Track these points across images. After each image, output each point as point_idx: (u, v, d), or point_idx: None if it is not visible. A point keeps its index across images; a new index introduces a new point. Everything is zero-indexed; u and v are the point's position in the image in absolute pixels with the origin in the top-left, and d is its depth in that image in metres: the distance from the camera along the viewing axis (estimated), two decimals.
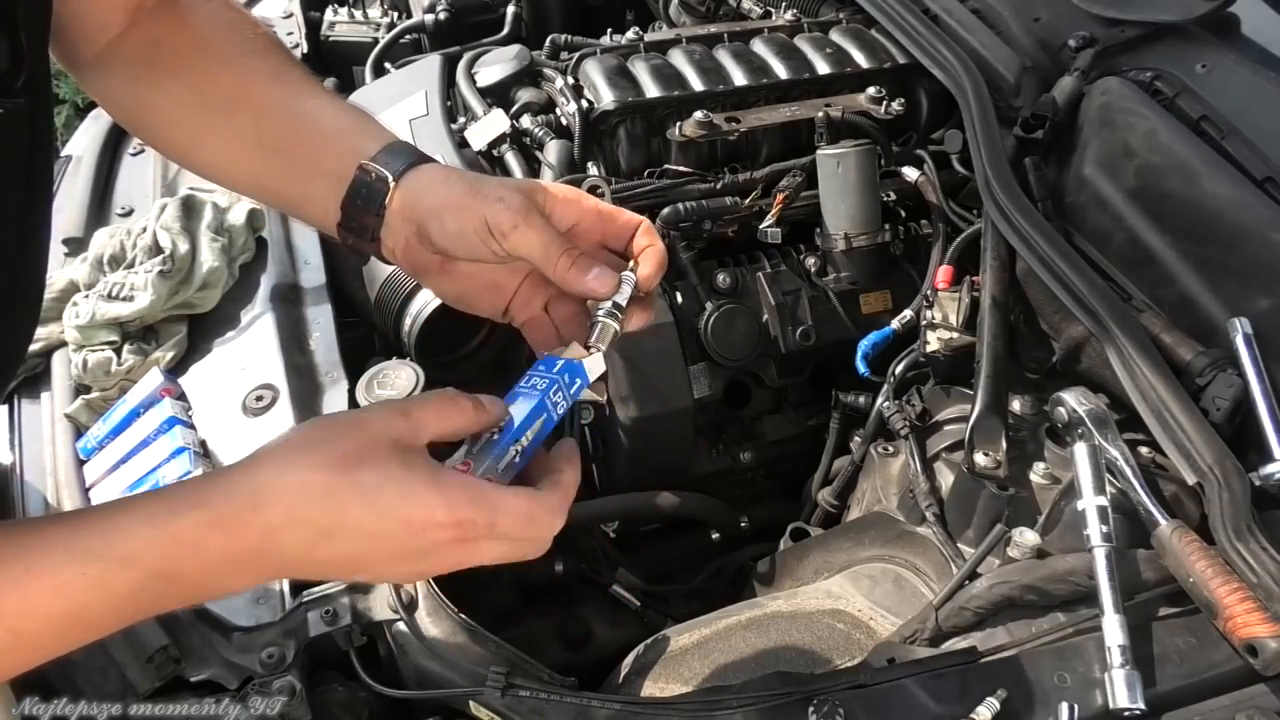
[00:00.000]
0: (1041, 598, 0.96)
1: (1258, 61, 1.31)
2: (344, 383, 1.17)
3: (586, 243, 0.76)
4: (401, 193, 0.74)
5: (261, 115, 0.78)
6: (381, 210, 0.74)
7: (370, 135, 0.77)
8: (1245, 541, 0.92)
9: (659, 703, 0.92)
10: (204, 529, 0.58)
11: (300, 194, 0.79)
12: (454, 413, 0.69)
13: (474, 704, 0.88)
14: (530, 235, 0.71)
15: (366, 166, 0.74)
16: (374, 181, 0.74)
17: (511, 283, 0.78)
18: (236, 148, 0.79)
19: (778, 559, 1.29)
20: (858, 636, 1.05)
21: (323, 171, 0.76)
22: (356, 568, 0.65)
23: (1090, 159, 1.32)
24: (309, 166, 0.77)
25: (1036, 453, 1.12)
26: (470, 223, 0.71)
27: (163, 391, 1.16)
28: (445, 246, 0.74)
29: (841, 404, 1.40)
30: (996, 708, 0.85)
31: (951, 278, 1.32)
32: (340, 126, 0.78)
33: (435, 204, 0.73)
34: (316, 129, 0.78)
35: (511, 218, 0.70)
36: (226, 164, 0.82)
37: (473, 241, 0.72)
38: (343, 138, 0.77)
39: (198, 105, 0.79)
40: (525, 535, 0.67)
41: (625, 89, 1.47)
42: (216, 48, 0.80)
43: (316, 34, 2.08)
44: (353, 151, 0.75)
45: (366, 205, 0.74)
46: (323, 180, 0.76)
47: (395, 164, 0.74)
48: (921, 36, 1.49)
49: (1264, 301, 1.10)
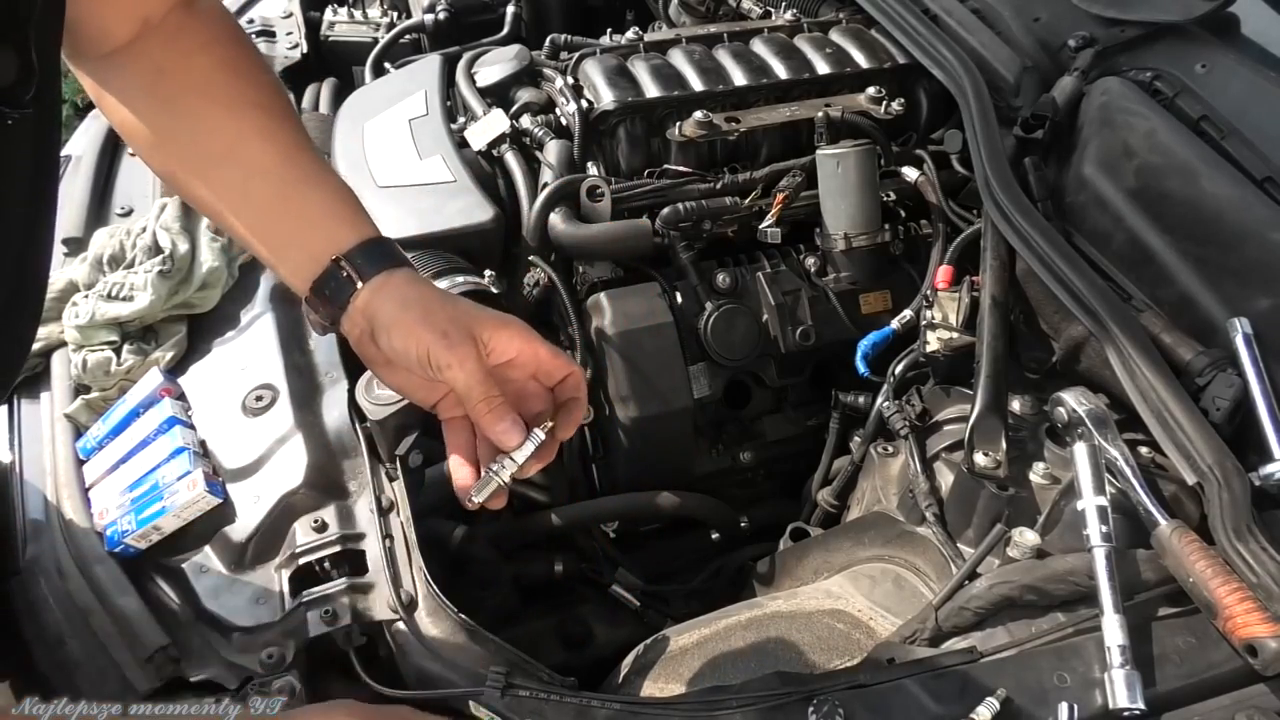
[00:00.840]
0: (1041, 598, 0.96)
1: (1258, 61, 1.31)
2: (343, 383, 1.17)
3: (523, 373, 0.83)
4: (366, 295, 0.80)
5: (251, 176, 0.82)
6: (346, 304, 0.80)
7: (351, 225, 0.82)
8: (1245, 541, 0.92)
9: (659, 703, 0.92)
10: None
11: (275, 258, 0.84)
12: None
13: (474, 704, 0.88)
14: (460, 376, 0.77)
15: (341, 263, 0.80)
16: (344, 280, 0.80)
17: (443, 389, 0.83)
18: (226, 196, 0.83)
19: (778, 559, 1.29)
20: (858, 636, 1.05)
21: (300, 246, 0.82)
22: None
23: (1090, 159, 1.32)
24: (287, 238, 0.83)
25: (1036, 453, 1.12)
26: (414, 349, 0.78)
27: (162, 391, 1.16)
28: (390, 356, 0.80)
29: (841, 404, 1.40)
30: (996, 708, 0.85)
31: (951, 278, 1.32)
32: (325, 210, 0.83)
33: (388, 320, 0.79)
34: (302, 205, 0.83)
35: (448, 357, 0.77)
36: (210, 204, 0.85)
37: (412, 363, 0.79)
38: (326, 223, 0.82)
39: (190, 144, 0.82)
40: None
41: (625, 89, 1.47)
42: (219, 92, 0.83)
43: (316, 34, 2.08)
44: (331, 240, 0.81)
45: (333, 297, 0.81)
46: (298, 254, 0.82)
47: (367, 269, 0.80)
48: (921, 36, 1.49)
49: (1264, 301, 1.10)
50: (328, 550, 1.01)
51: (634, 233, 1.38)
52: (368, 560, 1.01)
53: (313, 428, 1.12)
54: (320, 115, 1.74)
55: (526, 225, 1.41)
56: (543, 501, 1.41)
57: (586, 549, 1.42)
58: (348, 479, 1.09)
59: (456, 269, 1.31)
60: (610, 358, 1.34)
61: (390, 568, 0.99)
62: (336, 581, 0.99)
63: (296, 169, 0.83)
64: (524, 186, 1.43)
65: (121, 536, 1.02)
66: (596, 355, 1.36)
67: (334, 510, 1.04)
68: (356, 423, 1.11)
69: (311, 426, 1.12)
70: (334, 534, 1.02)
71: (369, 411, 1.06)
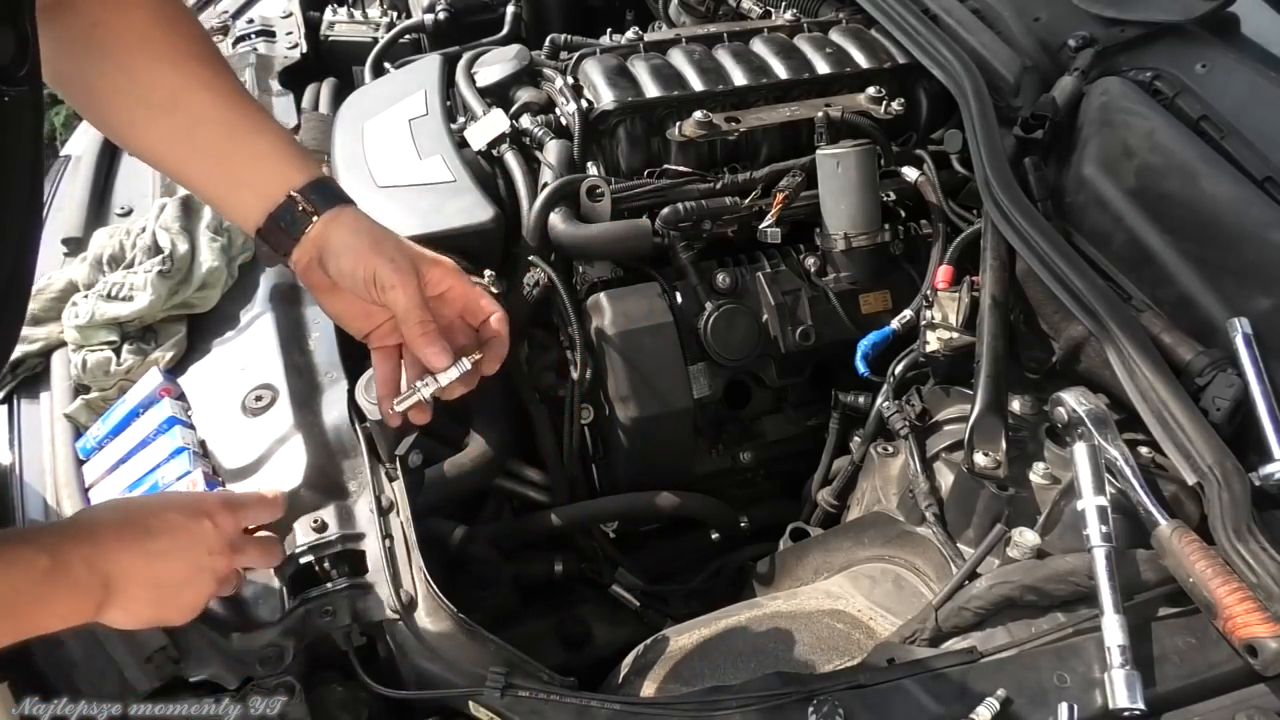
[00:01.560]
0: (1041, 598, 0.96)
1: (1258, 61, 1.31)
2: (343, 383, 1.17)
3: (452, 309, 0.91)
4: (320, 226, 0.86)
5: (198, 122, 0.86)
6: (300, 235, 0.86)
7: (299, 167, 0.88)
8: (1245, 541, 0.92)
9: (659, 703, 0.92)
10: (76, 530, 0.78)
11: (224, 197, 0.90)
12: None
13: (473, 704, 0.88)
14: (401, 297, 0.85)
15: (295, 198, 0.86)
16: (300, 213, 0.86)
17: (378, 318, 0.90)
18: (169, 142, 0.87)
19: (778, 559, 1.29)
20: (858, 636, 1.05)
21: (251, 185, 0.87)
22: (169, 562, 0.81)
23: (1090, 159, 1.32)
24: (238, 178, 0.87)
25: (1036, 453, 1.12)
26: (361, 270, 0.85)
27: (162, 391, 1.15)
28: (335, 278, 0.87)
29: (841, 404, 1.40)
30: (996, 708, 0.85)
31: (951, 278, 1.32)
32: (273, 152, 0.88)
33: (339, 245, 0.86)
34: (251, 147, 0.87)
35: (393, 278, 0.84)
36: (156, 153, 0.89)
37: (358, 285, 0.85)
38: (276, 162, 0.87)
39: (135, 97, 0.85)
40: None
41: (625, 89, 1.47)
42: (158, 45, 0.85)
43: (316, 34, 2.08)
44: (284, 178, 0.86)
45: (288, 229, 0.86)
46: (249, 193, 0.87)
47: (322, 204, 0.87)
48: (921, 36, 1.49)
49: (1264, 301, 1.10)
50: (328, 550, 1.01)
51: (634, 233, 1.38)
52: (368, 560, 1.01)
53: (312, 428, 1.12)
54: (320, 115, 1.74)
55: (526, 225, 1.40)
56: (543, 501, 1.42)
57: (586, 549, 1.42)
58: (348, 479, 1.08)
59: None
60: (610, 358, 1.34)
61: (390, 568, 0.99)
62: (336, 581, 0.99)
63: (240, 116, 0.87)
64: (524, 186, 1.43)
65: None
66: (596, 355, 1.36)
67: (334, 510, 1.04)
68: (356, 423, 1.11)
69: (311, 426, 1.12)
70: (334, 534, 1.02)
71: (369, 411, 1.06)
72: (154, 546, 0.80)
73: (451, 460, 1.30)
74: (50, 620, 0.76)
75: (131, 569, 0.78)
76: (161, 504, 0.84)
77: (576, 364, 1.35)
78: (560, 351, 1.45)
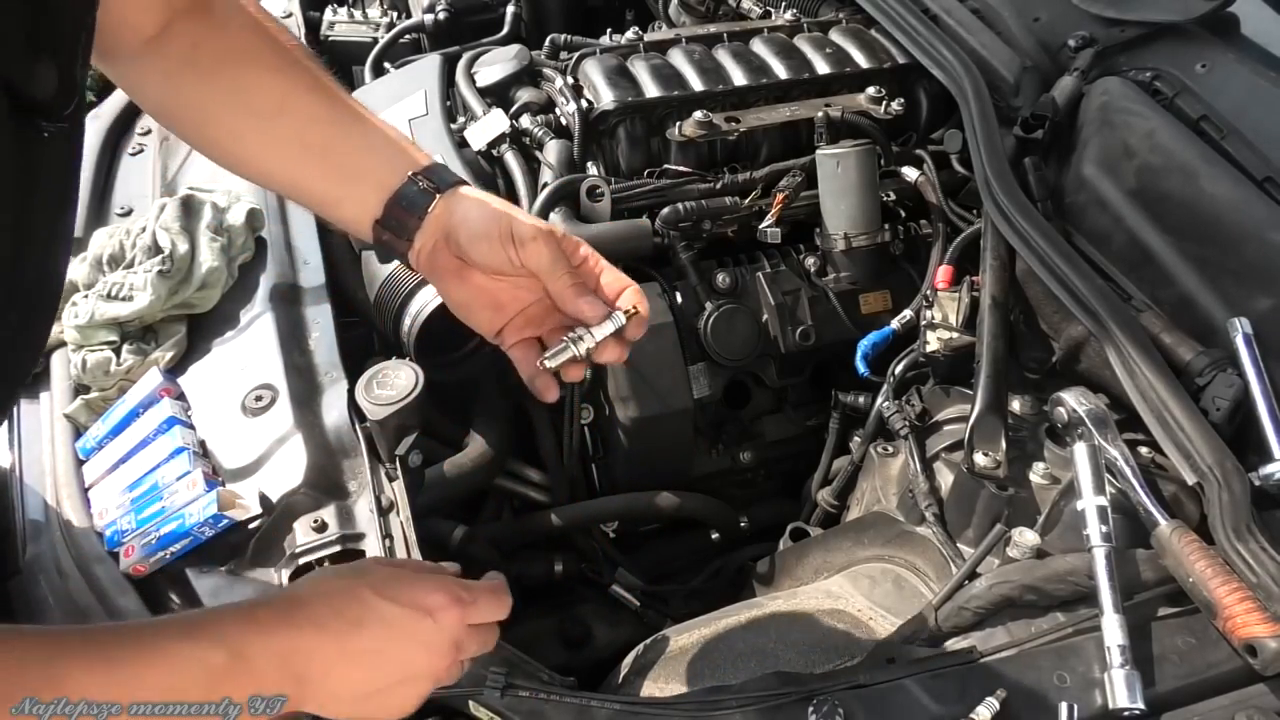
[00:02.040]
0: (1041, 598, 0.96)
1: (1258, 61, 1.31)
2: (343, 383, 1.17)
3: (589, 281, 0.85)
4: (443, 203, 0.84)
5: (307, 123, 0.85)
6: (424, 214, 0.84)
7: (413, 154, 0.87)
8: (1245, 541, 0.92)
9: (659, 703, 0.92)
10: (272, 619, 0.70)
11: (339, 193, 0.87)
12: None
13: (474, 704, 0.88)
14: (544, 250, 0.81)
15: (416, 177, 0.84)
16: (422, 190, 0.84)
17: (512, 308, 0.86)
18: (277, 149, 0.86)
19: (777, 559, 1.29)
20: (858, 636, 1.05)
21: (366, 176, 0.85)
22: (382, 663, 0.73)
23: (1090, 159, 1.32)
24: (352, 170, 0.86)
25: (1036, 453, 1.12)
26: (496, 227, 0.81)
27: (162, 391, 1.15)
28: (467, 248, 0.83)
29: (841, 404, 1.40)
30: (996, 708, 0.85)
31: (951, 278, 1.32)
32: (387, 140, 0.87)
33: (468, 212, 0.83)
34: (364, 139, 0.86)
35: (533, 231, 0.81)
36: (265, 163, 0.88)
37: (494, 244, 0.81)
38: (390, 150, 0.86)
39: (240, 108, 0.85)
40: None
41: (625, 89, 1.47)
42: (258, 55, 0.85)
43: (316, 34, 2.08)
44: (400, 163, 0.85)
45: (410, 209, 0.84)
46: (365, 184, 0.85)
47: (443, 180, 0.85)
48: (921, 36, 1.49)
49: (1264, 301, 1.10)
50: (328, 550, 1.01)
51: (634, 233, 1.38)
52: None
53: (313, 428, 1.12)
54: None
55: None
56: (543, 501, 1.41)
57: (586, 549, 1.42)
58: (348, 479, 1.08)
59: None
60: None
61: None
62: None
63: (346, 113, 0.87)
64: (524, 186, 1.43)
65: (121, 536, 1.02)
66: None
67: (334, 510, 1.04)
68: (356, 423, 1.11)
69: (311, 426, 1.12)
70: (334, 534, 1.02)
71: (369, 411, 1.06)
72: (362, 645, 0.71)
73: (451, 460, 1.30)
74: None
75: (333, 669, 0.70)
76: (379, 594, 0.73)
77: None
78: None
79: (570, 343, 0.82)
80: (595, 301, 0.82)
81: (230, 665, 0.65)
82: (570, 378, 0.85)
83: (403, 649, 0.73)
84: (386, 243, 0.86)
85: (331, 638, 0.70)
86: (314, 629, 0.70)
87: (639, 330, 0.84)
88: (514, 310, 0.86)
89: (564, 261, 0.82)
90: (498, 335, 0.88)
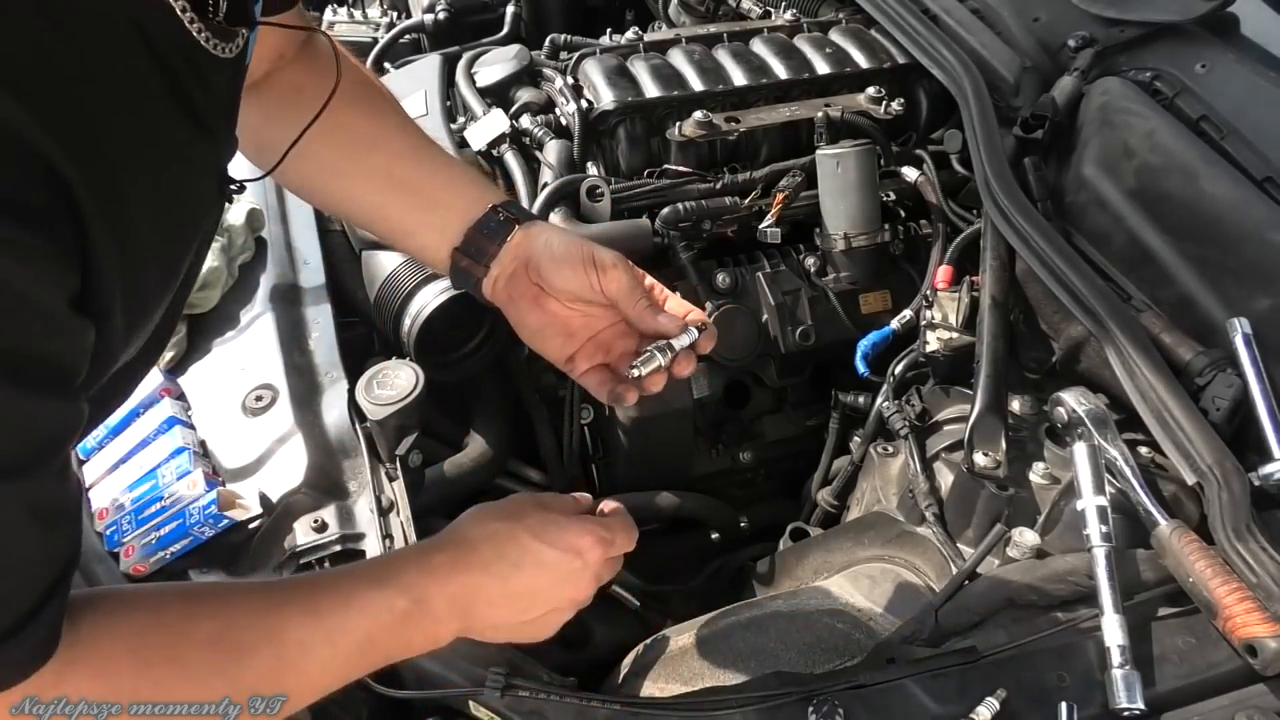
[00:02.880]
0: (1041, 598, 0.96)
1: (1258, 61, 1.31)
2: (343, 382, 1.17)
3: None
4: (521, 233, 0.89)
5: (395, 157, 0.92)
6: (504, 241, 0.88)
7: (493, 190, 0.94)
8: (1245, 541, 0.92)
9: (659, 703, 0.92)
10: (446, 566, 0.78)
11: (419, 221, 0.92)
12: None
13: (474, 704, 0.88)
14: (622, 276, 0.86)
15: (498, 208, 0.90)
16: (503, 219, 0.89)
17: (583, 334, 0.91)
18: (366, 182, 0.93)
19: (777, 559, 1.29)
20: (858, 636, 1.05)
21: (449, 206, 0.91)
22: (536, 599, 0.83)
23: (1090, 159, 1.32)
24: (434, 201, 0.92)
25: (1036, 453, 1.12)
26: (579, 253, 0.86)
27: (162, 391, 1.16)
28: (548, 273, 0.87)
29: (841, 404, 1.40)
30: (996, 707, 0.85)
31: (951, 278, 1.32)
32: (470, 177, 0.95)
33: (550, 240, 0.88)
34: (448, 173, 0.94)
35: (614, 258, 0.86)
36: (353, 194, 0.94)
37: (577, 269, 0.86)
38: (472, 185, 0.93)
39: (334, 144, 0.90)
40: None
41: (625, 89, 1.47)
42: (356, 99, 0.91)
43: None
44: (480, 198, 0.91)
45: (492, 236, 0.89)
46: (446, 213, 0.91)
47: (522, 213, 0.91)
48: (921, 36, 1.49)
49: (1264, 301, 1.10)
50: (328, 550, 1.01)
51: (634, 233, 1.38)
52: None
53: (313, 428, 1.12)
54: None
55: None
56: None
57: None
58: (348, 479, 1.09)
59: None
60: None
61: None
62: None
63: (431, 150, 0.95)
64: (524, 186, 1.43)
65: (121, 536, 1.02)
66: None
67: (334, 510, 1.04)
68: (356, 423, 1.11)
69: (311, 426, 1.12)
70: (334, 534, 1.02)
71: (369, 411, 1.06)
72: (521, 584, 0.80)
73: (451, 460, 1.30)
74: (403, 653, 0.78)
75: (495, 605, 0.80)
76: (536, 538, 0.81)
77: None
78: None
79: (656, 352, 0.87)
80: (672, 318, 0.87)
81: (412, 609, 0.74)
82: (651, 387, 0.89)
83: (554, 586, 0.82)
84: (464, 269, 0.90)
85: (495, 579, 0.79)
86: (480, 572, 0.79)
87: (709, 344, 0.89)
88: (585, 336, 0.90)
89: (641, 287, 0.87)
90: (568, 362, 0.92)
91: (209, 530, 1.02)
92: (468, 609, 0.78)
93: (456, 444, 1.34)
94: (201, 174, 0.67)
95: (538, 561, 0.80)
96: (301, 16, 0.88)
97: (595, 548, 0.83)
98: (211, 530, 1.02)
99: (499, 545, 0.80)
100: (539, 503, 0.86)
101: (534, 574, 0.81)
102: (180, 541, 1.01)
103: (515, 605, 0.82)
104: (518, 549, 0.80)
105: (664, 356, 0.87)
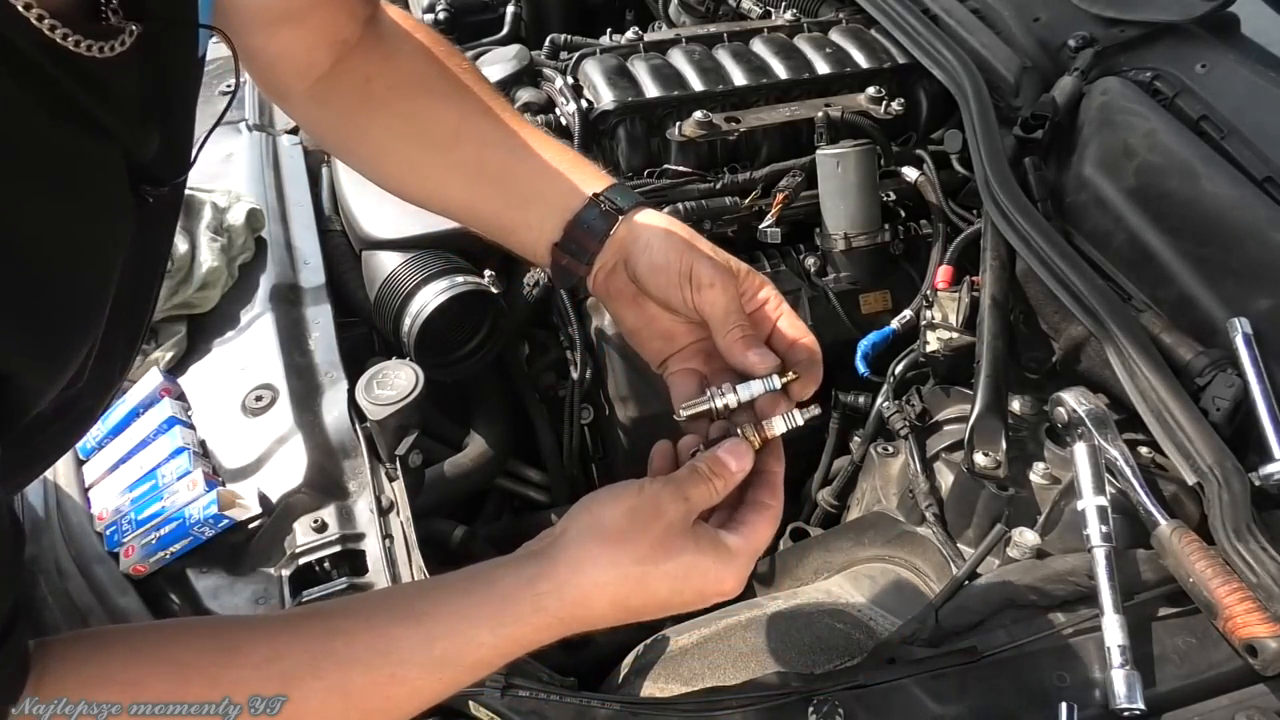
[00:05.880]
0: (1041, 598, 0.96)
1: (1258, 61, 1.32)
2: (343, 383, 1.17)
3: (761, 329, 0.81)
4: (625, 226, 0.80)
5: (483, 148, 0.84)
6: (605, 238, 0.80)
7: (594, 174, 0.84)
8: (1245, 541, 0.92)
9: (659, 703, 0.92)
10: (541, 631, 0.69)
11: (515, 218, 0.84)
12: (717, 487, 0.74)
13: (474, 704, 0.87)
14: (719, 297, 0.76)
15: (599, 199, 0.81)
16: (605, 212, 0.81)
17: (682, 340, 0.83)
18: (455, 178, 0.85)
19: (778, 559, 1.29)
20: (858, 636, 1.05)
21: (545, 199, 0.83)
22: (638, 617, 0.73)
23: (1090, 159, 1.32)
24: (529, 194, 0.83)
25: (1036, 453, 1.12)
26: (677, 262, 0.77)
27: (162, 391, 1.15)
28: (644, 279, 0.79)
29: (841, 404, 1.40)
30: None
31: (951, 278, 1.32)
32: (566, 161, 0.84)
33: (651, 239, 0.79)
34: (540, 161, 0.84)
35: (712, 275, 0.76)
36: (444, 192, 0.87)
37: (671, 279, 0.78)
38: (569, 173, 0.83)
39: (416, 139, 0.84)
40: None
41: (625, 89, 1.47)
42: (430, 83, 0.85)
43: None
44: (578, 187, 0.82)
45: (592, 231, 0.81)
46: (544, 206, 0.82)
47: (624, 201, 0.81)
48: (921, 36, 1.49)
49: (1264, 301, 1.10)
50: (328, 550, 1.01)
51: None
52: (368, 560, 1.01)
53: (313, 428, 1.12)
54: None
55: None
56: (543, 501, 1.41)
57: None
58: (348, 479, 1.08)
59: (456, 269, 1.31)
60: (610, 358, 1.34)
61: (390, 568, 0.99)
62: (336, 581, 0.99)
63: (523, 135, 0.85)
64: None
65: (121, 536, 1.02)
66: (596, 355, 1.35)
67: (334, 510, 1.04)
68: (356, 423, 1.11)
69: (311, 426, 1.12)
70: (334, 534, 1.02)
71: (369, 411, 1.06)
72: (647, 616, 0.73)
73: (451, 460, 1.30)
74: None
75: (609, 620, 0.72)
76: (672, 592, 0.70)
77: (576, 364, 1.35)
78: (560, 351, 1.45)
79: (711, 397, 0.78)
80: (764, 357, 0.77)
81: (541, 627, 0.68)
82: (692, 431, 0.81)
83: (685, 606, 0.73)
84: (566, 266, 0.83)
85: (613, 618, 0.71)
86: (598, 620, 0.71)
87: (806, 389, 0.80)
88: (685, 342, 0.83)
89: (738, 313, 0.77)
90: (661, 365, 0.85)
91: (209, 530, 1.01)
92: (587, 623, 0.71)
93: (456, 444, 1.34)
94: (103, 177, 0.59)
95: (664, 606, 0.72)
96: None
97: (734, 581, 0.72)
98: (211, 530, 1.02)
99: (622, 595, 0.70)
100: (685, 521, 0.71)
101: (649, 611, 0.72)
102: (180, 542, 1.01)
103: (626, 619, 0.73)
104: (643, 596, 0.70)
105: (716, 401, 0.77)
